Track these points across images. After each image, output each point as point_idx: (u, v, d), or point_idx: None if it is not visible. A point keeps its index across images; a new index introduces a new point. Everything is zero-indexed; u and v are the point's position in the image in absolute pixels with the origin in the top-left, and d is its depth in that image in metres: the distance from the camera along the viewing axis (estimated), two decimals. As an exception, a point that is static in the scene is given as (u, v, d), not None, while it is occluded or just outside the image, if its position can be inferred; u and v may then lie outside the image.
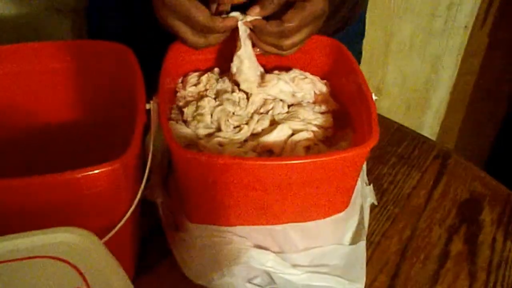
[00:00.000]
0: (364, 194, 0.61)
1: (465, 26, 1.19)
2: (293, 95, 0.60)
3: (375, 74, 1.28)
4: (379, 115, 0.52)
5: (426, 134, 1.46)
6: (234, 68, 0.58)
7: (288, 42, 0.55)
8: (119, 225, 0.49)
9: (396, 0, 1.12)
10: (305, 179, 0.49)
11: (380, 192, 0.69)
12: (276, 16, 0.55)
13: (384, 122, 0.80)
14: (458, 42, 1.22)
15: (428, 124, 1.41)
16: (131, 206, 0.49)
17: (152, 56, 0.57)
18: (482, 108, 1.38)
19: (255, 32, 0.56)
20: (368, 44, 0.93)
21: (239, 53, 0.57)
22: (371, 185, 0.64)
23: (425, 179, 0.72)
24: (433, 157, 0.75)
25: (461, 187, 0.71)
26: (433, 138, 1.44)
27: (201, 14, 0.52)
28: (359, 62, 0.87)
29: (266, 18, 0.55)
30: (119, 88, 0.56)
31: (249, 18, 0.55)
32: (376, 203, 0.64)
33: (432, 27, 1.19)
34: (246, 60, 0.58)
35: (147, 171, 0.51)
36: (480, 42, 1.23)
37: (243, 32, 0.56)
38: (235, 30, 0.56)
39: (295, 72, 0.62)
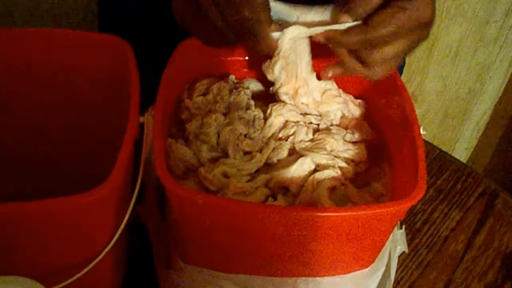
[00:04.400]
0: (394, 240, 0.50)
1: (522, 35, 1.06)
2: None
3: (412, 79, 1.16)
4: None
5: (461, 147, 1.35)
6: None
7: (375, 56, 0.40)
8: (97, 259, 0.41)
9: (446, 1, 1.00)
10: (325, 233, 0.39)
11: (412, 232, 0.59)
12: None
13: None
14: (512, 51, 1.10)
15: (465, 137, 1.29)
16: (115, 234, 0.41)
17: (158, 54, 0.47)
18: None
19: (331, 46, 0.42)
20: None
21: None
22: (403, 228, 0.54)
23: (467, 221, 0.61)
24: (478, 195, 0.64)
25: (509, 234, 0.60)
26: (469, 151, 1.32)
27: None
28: (401, 74, 0.76)
29: None
30: (111, 93, 0.46)
31: (314, 30, 0.41)
32: (407, 251, 0.54)
33: (484, 34, 1.07)
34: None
35: (133, 201, 0.42)
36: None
37: (303, 48, 0.44)
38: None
39: (329, 84, 0.50)
